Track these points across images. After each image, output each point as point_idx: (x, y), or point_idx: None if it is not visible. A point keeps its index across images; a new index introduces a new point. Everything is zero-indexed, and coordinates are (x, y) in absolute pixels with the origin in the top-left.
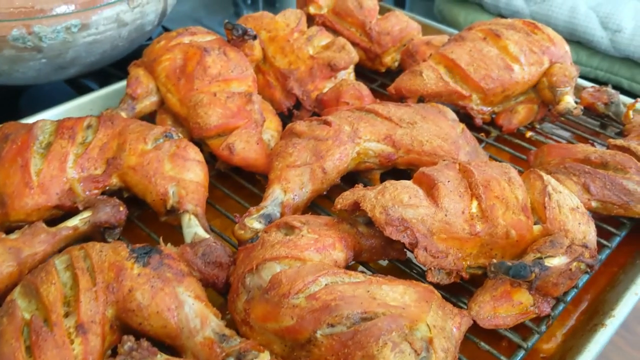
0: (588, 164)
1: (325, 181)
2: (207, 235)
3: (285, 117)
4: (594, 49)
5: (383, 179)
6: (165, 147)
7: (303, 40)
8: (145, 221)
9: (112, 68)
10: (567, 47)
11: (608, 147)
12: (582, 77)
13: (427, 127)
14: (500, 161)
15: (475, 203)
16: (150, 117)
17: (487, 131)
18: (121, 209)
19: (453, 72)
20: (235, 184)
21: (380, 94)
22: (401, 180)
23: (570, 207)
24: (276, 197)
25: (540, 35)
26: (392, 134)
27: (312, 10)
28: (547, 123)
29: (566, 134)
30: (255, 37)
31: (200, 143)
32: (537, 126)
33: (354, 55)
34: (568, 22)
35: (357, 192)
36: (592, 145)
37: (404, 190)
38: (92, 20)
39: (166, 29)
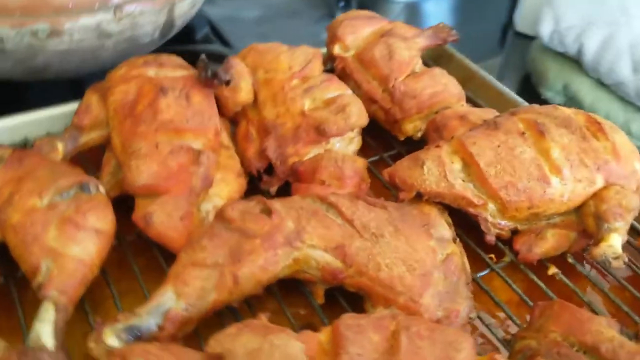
0: (595, 354)
1: (235, 292)
2: (49, 342)
3: (256, 180)
4: None
5: (329, 295)
6: (60, 207)
7: (300, 90)
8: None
9: None
10: (636, 166)
11: None
12: None
13: (395, 245)
14: (500, 305)
15: None
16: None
17: (501, 252)
18: None
19: (469, 169)
20: (152, 258)
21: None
22: None
23: None
24: (163, 304)
25: (602, 142)
26: (346, 245)
27: (336, 50)
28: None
29: (607, 279)
30: (228, 83)
31: None
32: (570, 260)
33: (354, 120)
34: None
35: None
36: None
37: None
38: (64, 28)
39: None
